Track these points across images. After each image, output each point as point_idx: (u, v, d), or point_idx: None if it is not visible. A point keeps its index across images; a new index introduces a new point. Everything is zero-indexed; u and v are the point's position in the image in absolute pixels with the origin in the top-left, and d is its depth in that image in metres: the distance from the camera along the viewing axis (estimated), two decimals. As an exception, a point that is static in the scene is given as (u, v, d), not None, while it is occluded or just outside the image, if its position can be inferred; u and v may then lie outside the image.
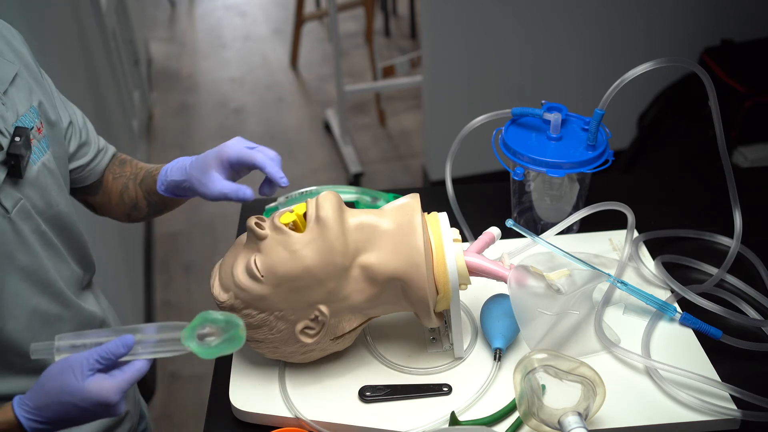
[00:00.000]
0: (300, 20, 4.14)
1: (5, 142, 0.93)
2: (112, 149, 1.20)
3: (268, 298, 0.94)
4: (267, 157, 1.01)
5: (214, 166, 1.03)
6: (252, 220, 0.96)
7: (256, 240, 0.95)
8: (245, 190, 1.01)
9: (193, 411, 2.39)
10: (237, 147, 1.02)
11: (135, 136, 3.12)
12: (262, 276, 0.94)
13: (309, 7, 4.70)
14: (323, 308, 0.96)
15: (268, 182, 1.02)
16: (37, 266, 0.98)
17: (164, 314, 2.76)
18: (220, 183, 1.02)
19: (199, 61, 4.61)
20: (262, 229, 0.95)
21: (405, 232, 0.95)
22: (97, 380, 0.82)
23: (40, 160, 0.99)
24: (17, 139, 0.92)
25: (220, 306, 0.97)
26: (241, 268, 0.96)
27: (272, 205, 1.38)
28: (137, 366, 0.85)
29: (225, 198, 1.01)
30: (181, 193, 1.10)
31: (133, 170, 1.18)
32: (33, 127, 0.98)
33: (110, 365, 0.84)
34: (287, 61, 4.45)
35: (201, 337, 0.85)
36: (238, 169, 1.03)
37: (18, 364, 0.98)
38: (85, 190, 1.17)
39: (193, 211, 3.22)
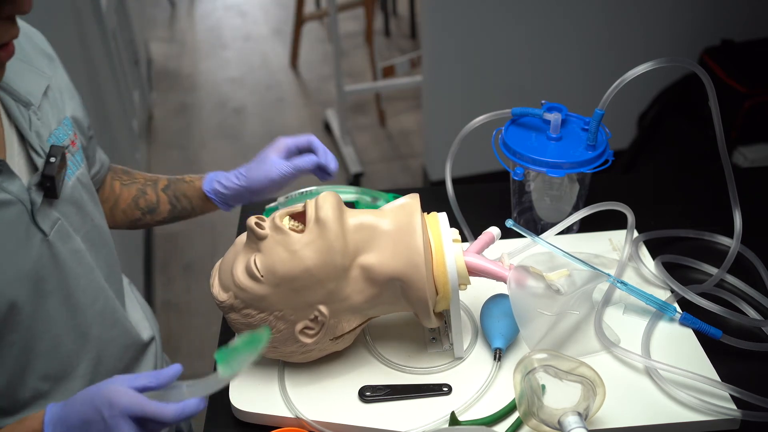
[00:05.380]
0: (300, 20, 4.14)
1: (40, 163, 0.90)
2: (106, 158, 1.21)
3: (268, 298, 0.94)
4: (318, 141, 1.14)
5: (273, 153, 1.14)
6: (252, 220, 0.95)
7: (256, 240, 0.95)
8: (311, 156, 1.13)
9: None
10: (288, 138, 1.14)
11: (135, 136, 3.11)
12: (262, 276, 0.93)
13: (309, 7, 4.70)
14: (323, 308, 0.95)
15: (320, 169, 1.13)
16: (73, 287, 0.96)
17: (164, 314, 2.76)
18: (285, 162, 1.13)
19: (199, 61, 4.60)
20: (262, 228, 0.95)
21: (404, 232, 0.95)
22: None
23: (74, 175, 0.97)
24: (53, 159, 0.90)
25: (220, 305, 0.97)
26: (240, 267, 0.95)
27: (272, 204, 1.38)
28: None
29: (298, 170, 1.12)
30: (233, 200, 1.20)
31: (147, 178, 1.22)
32: (67, 141, 0.97)
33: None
34: (287, 61, 4.45)
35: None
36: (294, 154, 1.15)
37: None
38: None
39: (193, 211, 3.21)
